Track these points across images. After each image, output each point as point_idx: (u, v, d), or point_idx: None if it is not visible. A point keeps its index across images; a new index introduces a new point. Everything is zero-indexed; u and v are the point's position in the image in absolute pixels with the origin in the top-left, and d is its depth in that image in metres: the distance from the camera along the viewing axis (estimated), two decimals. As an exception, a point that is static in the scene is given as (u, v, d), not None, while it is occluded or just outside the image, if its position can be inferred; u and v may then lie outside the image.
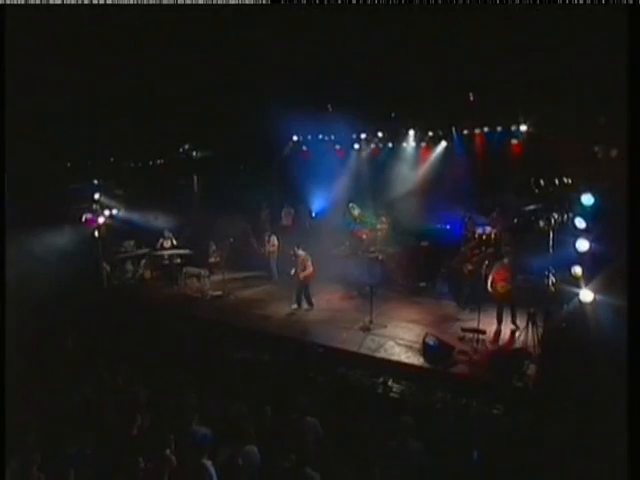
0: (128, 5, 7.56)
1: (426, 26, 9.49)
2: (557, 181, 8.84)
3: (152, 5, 7.44)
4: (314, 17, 9.18)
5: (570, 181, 8.68)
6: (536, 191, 9.19)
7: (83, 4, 7.34)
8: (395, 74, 11.28)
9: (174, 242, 14.35)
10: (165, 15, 8.13)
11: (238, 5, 7.32)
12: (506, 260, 9.83)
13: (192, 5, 7.42)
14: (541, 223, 9.31)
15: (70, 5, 7.32)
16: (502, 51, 10.03)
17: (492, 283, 9.78)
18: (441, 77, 11.28)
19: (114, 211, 14.30)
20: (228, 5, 7.51)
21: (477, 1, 7.24)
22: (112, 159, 15.64)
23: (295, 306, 11.66)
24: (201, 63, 11.82)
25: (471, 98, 12.17)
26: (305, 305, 11.70)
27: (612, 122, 7.25)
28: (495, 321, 9.96)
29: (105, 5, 7.37)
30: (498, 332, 9.87)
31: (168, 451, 5.62)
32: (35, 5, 7.05)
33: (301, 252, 11.48)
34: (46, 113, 11.89)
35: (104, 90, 11.98)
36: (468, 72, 11.08)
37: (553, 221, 8.77)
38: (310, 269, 11.38)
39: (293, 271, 11.52)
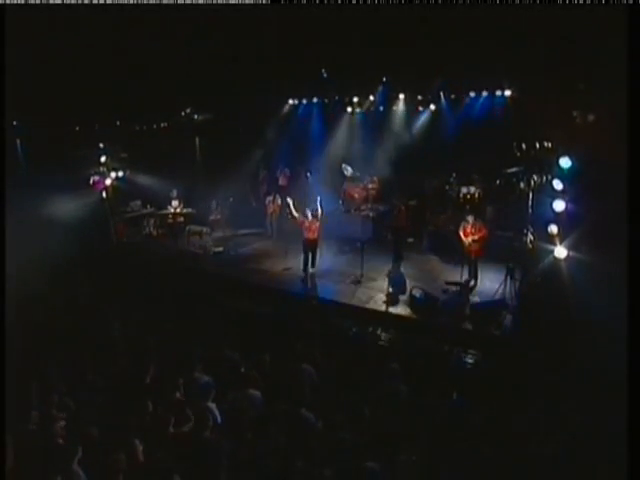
0: (128, 5, 7.28)
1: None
2: (538, 145, 8.76)
3: (152, 5, 7.16)
4: (314, 17, 8.86)
5: (550, 145, 8.61)
6: (518, 154, 9.12)
7: (83, 4, 7.07)
8: (387, 41, 10.97)
9: (181, 203, 14.22)
10: (165, 15, 7.82)
11: (238, 5, 7.06)
12: (470, 218, 9.79)
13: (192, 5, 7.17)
14: (522, 184, 9.32)
15: (70, 5, 7.05)
16: (501, 45, 9.77)
17: (459, 240, 9.86)
18: (431, 43, 10.99)
19: (120, 173, 14.09)
20: (228, 5, 7.23)
21: (477, 1, 7.01)
22: (118, 123, 15.40)
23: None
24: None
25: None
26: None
27: (611, 120, 7.07)
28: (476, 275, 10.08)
29: (105, 5, 7.11)
30: (471, 284, 10.01)
31: (178, 394, 5.79)
32: (35, 5, 6.81)
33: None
34: (55, 86, 11.65)
35: (108, 62, 11.65)
36: (457, 40, 10.79)
37: (533, 183, 8.77)
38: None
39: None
